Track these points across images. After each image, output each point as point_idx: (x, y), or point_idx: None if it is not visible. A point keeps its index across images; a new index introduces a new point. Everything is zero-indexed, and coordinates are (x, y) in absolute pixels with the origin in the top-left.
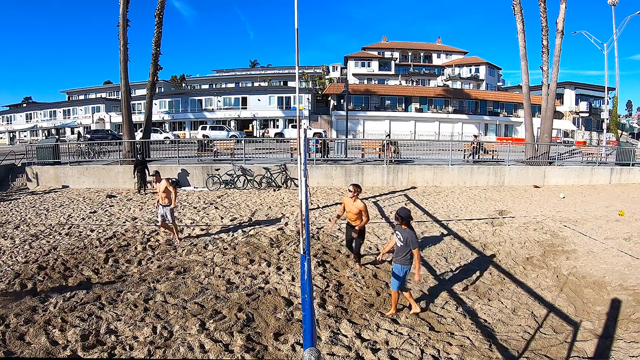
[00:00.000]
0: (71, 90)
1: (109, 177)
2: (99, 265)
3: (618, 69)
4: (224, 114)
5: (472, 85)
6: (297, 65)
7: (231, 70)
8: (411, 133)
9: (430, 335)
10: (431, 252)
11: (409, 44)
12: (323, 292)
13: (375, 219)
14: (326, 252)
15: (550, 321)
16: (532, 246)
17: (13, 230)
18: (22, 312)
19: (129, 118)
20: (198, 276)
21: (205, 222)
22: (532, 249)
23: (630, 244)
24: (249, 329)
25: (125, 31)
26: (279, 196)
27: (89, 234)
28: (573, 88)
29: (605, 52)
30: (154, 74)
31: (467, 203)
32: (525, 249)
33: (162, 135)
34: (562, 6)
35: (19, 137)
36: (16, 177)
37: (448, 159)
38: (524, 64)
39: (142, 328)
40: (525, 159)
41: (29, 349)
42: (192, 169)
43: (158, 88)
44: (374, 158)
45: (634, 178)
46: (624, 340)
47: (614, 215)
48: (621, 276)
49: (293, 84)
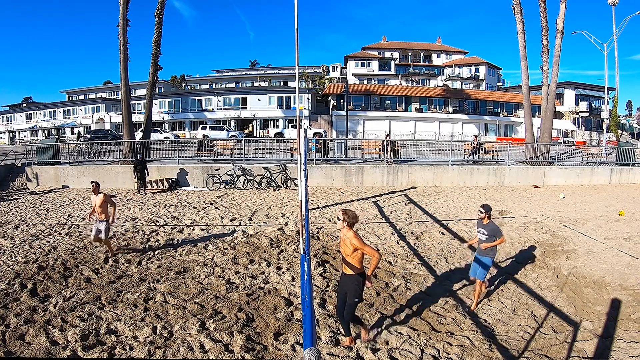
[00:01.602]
0: (71, 90)
1: (109, 177)
2: (98, 265)
3: (618, 69)
4: (224, 114)
5: (472, 85)
6: (297, 65)
7: (231, 70)
8: (411, 133)
9: (431, 335)
10: (431, 252)
11: (409, 44)
12: (323, 292)
13: (375, 218)
14: (326, 252)
15: (550, 321)
16: (533, 246)
17: (13, 230)
18: (22, 312)
19: (129, 118)
20: (198, 276)
21: (205, 222)
22: (533, 249)
23: (630, 244)
24: (249, 329)
25: (125, 31)
26: (279, 196)
27: (89, 234)
28: (573, 88)
29: (605, 52)
30: (154, 74)
31: (467, 203)
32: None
33: (162, 135)
34: (562, 6)
35: (19, 137)
36: (16, 177)
37: (448, 159)
38: (524, 64)
39: (142, 328)
40: (525, 159)
41: (29, 349)
42: (192, 169)
43: (158, 88)
44: (374, 158)
45: (634, 178)
46: (624, 340)
47: (614, 215)
48: (621, 276)
49: (293, 84)
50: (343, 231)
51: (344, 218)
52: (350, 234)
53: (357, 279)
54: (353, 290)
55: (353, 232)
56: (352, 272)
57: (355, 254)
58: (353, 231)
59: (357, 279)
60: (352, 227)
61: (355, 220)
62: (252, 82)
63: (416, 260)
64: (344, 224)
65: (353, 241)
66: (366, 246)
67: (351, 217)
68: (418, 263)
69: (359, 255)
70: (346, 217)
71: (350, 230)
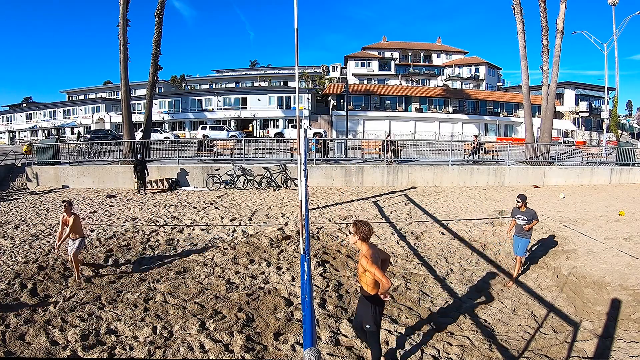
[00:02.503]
0: (71, 90)
1: (109, 177)
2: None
3: (618, 69)
4: (224, 114)
5: (472, 85)
6: (297, 65)
7: (231, 70)
8: (411, 133)
9: (430, 335)
10: (431, 252)
11: (409, 44)
12: (323, 292)
13: (375, 218)
14: (326, 252)
15: (550, 321)
16: (532, 246)
17: (13, 230)
18: (22, 312)
19: (129, 118)
20: (198, 276)
21: (205, 222)
22: (533, 248)
23: (630, 244)
24: (249, 329)
25: (125, 31)
26: (279, 196)
27: (89, 234)
28: (573, 88)
29: (605, 52)
30: (154, 74)
31: (467, 203)
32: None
33: (162, 135)
34: (562, 6)
35: (19, 137)
36: (16, 177)
37: (448, 159)
38: (524, 64)
39: (142, 328)
40: (525, 159)
41: (29, 349)
42: (192, 169)
43: (158, 88)
44: (374, 158)
45: (634, 178)
46: (624, 340)
47: (614, 215)
48: (621, 276)
49: (293, 84)
50: (357, 245)
51: (354, 232)
52: (363, 249)
53: (367, 304)
54: (364, 314)
55: (367, 247)
56: (365, 292)
57: (367, 275)
58: (367, 246)
59: (367, 304)
60: (365, 240)
61: (368, 234)
62: (252, 82)
63: (416, 260)
64: (356, 237)
65: (362, 261)
66: (376, 269)
67: (362, 230)
68: (418, 263)
69: (371, 277)
70: (357, 231)
71: (363, 244)
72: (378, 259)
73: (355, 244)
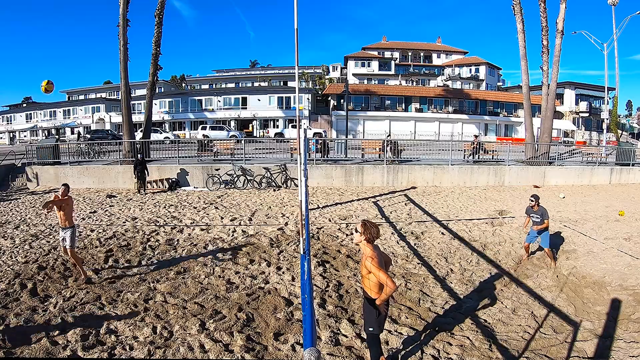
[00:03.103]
0: (71, 90)
1: (109, 177)
2: (99, 265)
3: (618, 69)
4: (224, 114)
5: (472, 85)
6: (297, 65)
7: (231, 70)
8: (411, 133)
9: (430, 335)
10: (431, 252)
11: (409, 44)
12: (323, 292)
13: (375, 218)
14: (326, 252)
15: (550, 321)
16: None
17: (13, 230)
18: (22, 312)
19: (129, 118)
20: (198, 276)
21: (205, 222)
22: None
23: (630, 244)
24: (249, 329)
25: (125, 31)
26: (279, 196)
27: (89, 234)
28: (573, 88)
29: (605, 52)
30: (154, 74)
31: (467, 203)
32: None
33: (162, 135)
34: (562, 6)
35: (19, 137)
36: (16, 177)
37: (448, 159)
38: (524, 64)
39: (142, 328)
40: (525, 159)
41: (29, 349)
42: (192, 169)
43: (158, 88)
44: (374, 158)
45: (634, 178)
46: (624, 340)
47: (614, 215)
48: (621, 276)
49: (293, 84)
50: (361, 246)
51: (362, 231)
52: (367, 252)
53: (371, 307)
54: (366, 317)
55: (371, 249)
56: (367, 295)
57: (370, 277)
58: (371, 248)
59: (369, 307)
60: (371, 242)
61: (375, 236)
62: (252, 82)
63: (416, 260)
64: (362, 237)
65: (367, 263)
66: (382, 272)
67: (371, 232)
68: (418, 263)
69: (375, 280)
70: (365, 231)
71: (368, 246)
72: (382, 262)
73: (360, 244)
